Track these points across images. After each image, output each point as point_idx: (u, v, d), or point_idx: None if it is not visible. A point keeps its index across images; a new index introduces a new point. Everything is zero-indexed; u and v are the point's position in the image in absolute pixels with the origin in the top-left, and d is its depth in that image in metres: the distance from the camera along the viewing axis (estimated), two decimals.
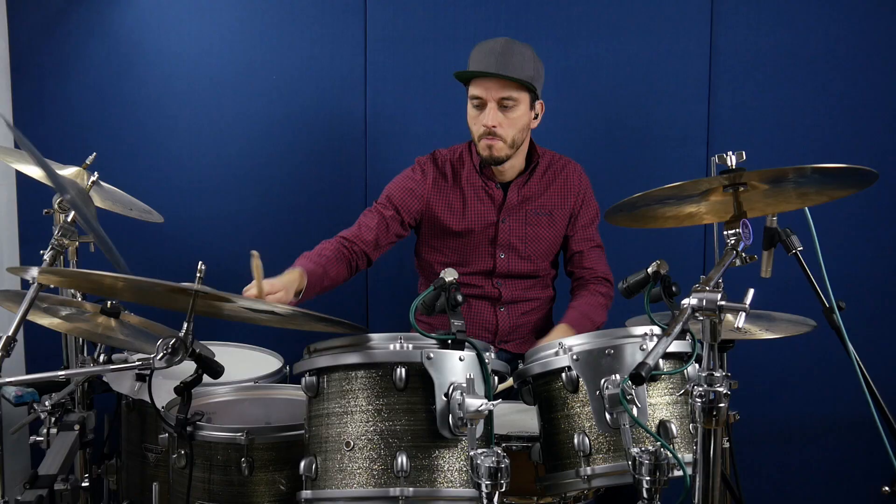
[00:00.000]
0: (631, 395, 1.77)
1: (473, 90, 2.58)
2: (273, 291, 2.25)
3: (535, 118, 2.65)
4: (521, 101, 2.56)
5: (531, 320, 2.78)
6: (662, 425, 1.83)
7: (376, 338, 1.84)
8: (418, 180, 2.72)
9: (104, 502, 2.64)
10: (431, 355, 1.76)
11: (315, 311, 1.90)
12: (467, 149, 2.75)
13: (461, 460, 1.76)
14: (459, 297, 1.83)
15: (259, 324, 2.12)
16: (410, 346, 1.80)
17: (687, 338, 1.84)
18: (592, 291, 2.72)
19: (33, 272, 1.91)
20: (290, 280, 2.36)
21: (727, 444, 2.28)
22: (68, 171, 2.55)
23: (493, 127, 2.55)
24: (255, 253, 2.15)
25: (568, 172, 2.76)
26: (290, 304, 2.34)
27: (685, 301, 1.57)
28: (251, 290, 2.19)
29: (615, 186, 2.69)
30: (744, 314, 1.60)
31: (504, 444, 2.00)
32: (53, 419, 2.29)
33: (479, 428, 1.78)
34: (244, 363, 2.59)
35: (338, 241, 2.63)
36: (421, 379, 1.76)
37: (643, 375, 1.48)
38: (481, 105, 2.57)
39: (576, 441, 1.85)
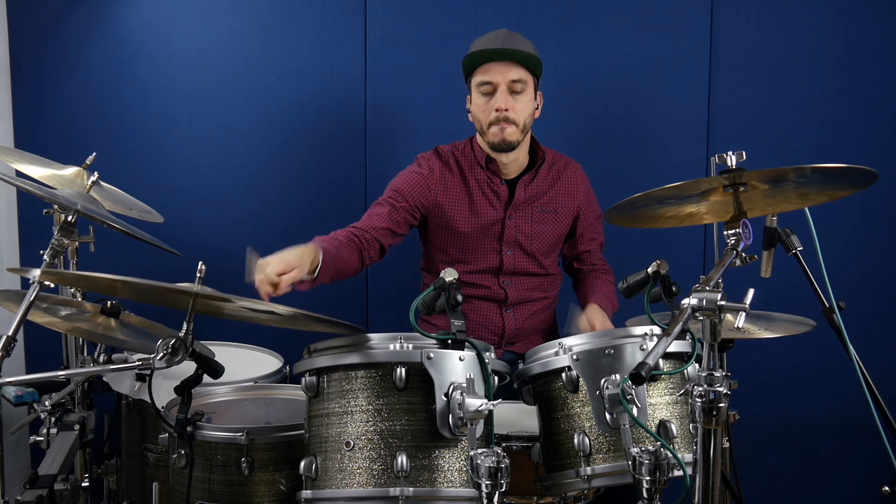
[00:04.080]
0: (631, 395, 1.78)
1: (481, 76, 2.57)
2: (286, 270, 2.14)
3: (537, 108, 2.65)
4: (528, 84, 2.57)
5: (537, 321, 2.78)
6: (662, 425, 1.83)
7: (376, 338, 1.84)
8: (425, 174, 2.69)
9: (104, 502, 2.64)
10: (431, 355, 1.76)
11: (314, 312, 1.90)
12: (469, 144, 2.74)
13: (461, 460, 1.76)
14: (459, 297, 1.83)
15: (259, 324, 2.12)
16: (410, 346, 1.80)
17: (687, 338, 1.84)
18: (605, 280, 2.76)
19: (34, 273, 1.91)
20: (304, 254, 2.25)
21: (727, 444, 2.28)
22: (68, 171, 2.55)
23: (506, 110, 2.55)
24: (250, 249, 2.09)
25: (571, 171, 2.76)
26: (305, 284, 2.27)
27: (685, 301, 1.57)
28: (259, 276, 2.10)
29: (615, 186, 2.68)
30: (744, 314, 1.60)
31: (504, 444, 2.00)
32: (53, 419, 2.29)
33: (479, 428, 1.78)
34: (244, 363, 2.59)
35: (348, 229, 2.57)
36: (421, 379, 1.77)
37: (643, 375, 1.48)
38: (491, 91, 2.56)
39: (576, 441, 1.85)
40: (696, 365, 1.66)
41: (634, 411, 1.76)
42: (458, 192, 2.70)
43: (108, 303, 2.27)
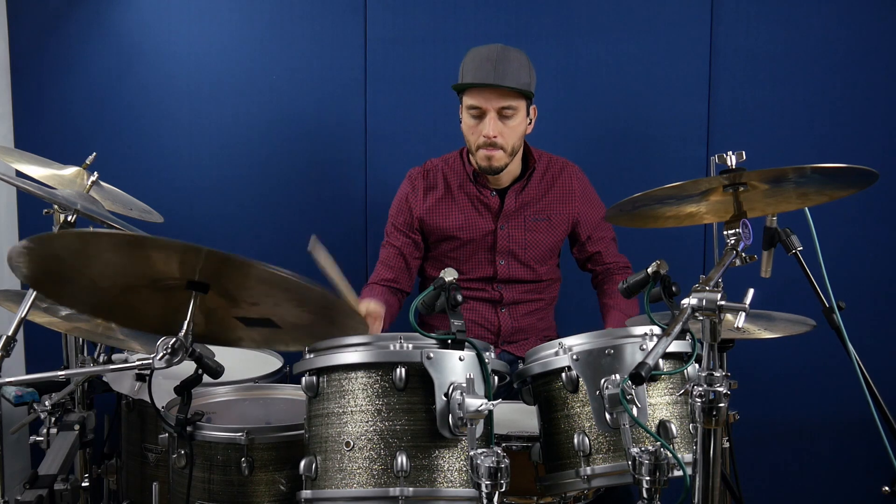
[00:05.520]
0: (631, 395, 1.77)
1: (471, 100, 2.56)
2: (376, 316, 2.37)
3: (530, 123, 2.64)
4: (519, 108, 2.55)
5: (533, 321, 2.78)
6: (662, 425, 1.83)
7: (376, 338, 1.84)
8: (410, 197, 2.74)
9: (104, 502, 2.64)
10: (431, 355, 1.76)
11: (331, 291, 1.90)
12: (459, 157, 2.75)
13: (461, 460, 1.76)
14: (459, 297, 1.82)
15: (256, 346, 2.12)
16: (410, 346, 1.80)
17: (687, 338, 1.84)
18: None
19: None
20: (381, 310, 2.44)
21: (727, 444, 2.28)
22: (68, 171, 2.55)
23: (494, 137, 2.54)
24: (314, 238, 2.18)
25: (566, 176, 2.75)
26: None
27: (685, 301, 1.57)
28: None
29: (615, 186, 2.69)
30: (744, 314, 1.60)
31: (504, 444, 2.00)
32: (53, 419, 2.29)
33: (479, 428, 1.78)
34: (244, 363, 2.59)
35: (381, 285, 2.72)
36: (421, 379, 1.76)
37: (643, 375, 1.48)
38: (480, 115, 2.55)
39: (576, 441, 1.85)
40: (696, 365, 1.66)
41: (634, 411, 1.76)
42: (445, 207, 2.71)
43: None
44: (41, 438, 2.28)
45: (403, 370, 1.76)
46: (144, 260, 1.71)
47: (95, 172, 2.45)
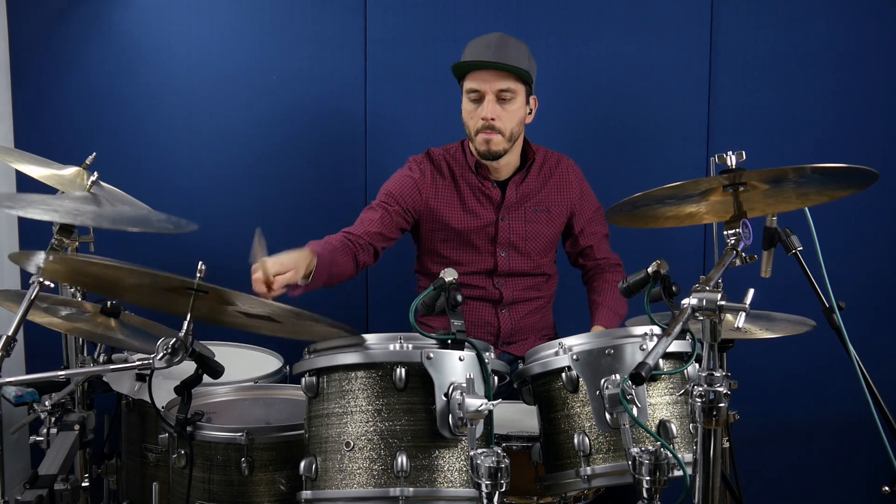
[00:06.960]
0: (631, 395, 1.78)
1: (470, 83, 2.57)
2: (282, 271, 2.20)
3: (530, 113, 2.65)
4: (518, 93, 2.56)
5: (533, 321, 2.78)
6: (662, 425, 1.83)
7: (376, 338, 1.84)
8: (416, 179, 2.70)
9: (104, 502, 2.64)
10: (431, 355, 1.76)
11: (313, 313, 1.89)
12: (461, 148, 2.75)
13: (461, 460, 1.76)
14: (459, 297, 1.83)
15: (257, 331, 2.11)
16: (410, 346, 1.80)
17: (687, 338, 1.84)
18: (611, 283, 2.73)
19: (38, 259, 1.91)
20: (300, 258, 2.31)
21: (727, 444, 2.28)
22: (68, 171, 2.55)
23: (492, 120, 2.55)
24: (258, 231, 2.08)
25: (563, 168, 2.76)
26: (298, 289, 2.32)
27: (685, 301, 1.57)
28: (257, 271, 2.15)
29: (615, 186, 2.68)
30: (744, 314, 1.60)
31: (504, 444, 2.00)
32: (53, 419, 2.29)
33: (479, 428, 1.78)
34: (244, 363, 2.59)
35: (342, 234, 2.59)
36: (421, 379, 1.77)
37: (643, 375, 1.48)
38: (479, 98, 2.56)
39: (576, 441, 1.85)
40: (696, 365, 1.66)
41: (634, 411, 1.76)
42: (450, 195, 2.70)
43: (108, 303, 2.27)
44: (41, 438, 2.27)
45: (403, 370, 1.76)
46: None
47: (95, 172, 2.45)
